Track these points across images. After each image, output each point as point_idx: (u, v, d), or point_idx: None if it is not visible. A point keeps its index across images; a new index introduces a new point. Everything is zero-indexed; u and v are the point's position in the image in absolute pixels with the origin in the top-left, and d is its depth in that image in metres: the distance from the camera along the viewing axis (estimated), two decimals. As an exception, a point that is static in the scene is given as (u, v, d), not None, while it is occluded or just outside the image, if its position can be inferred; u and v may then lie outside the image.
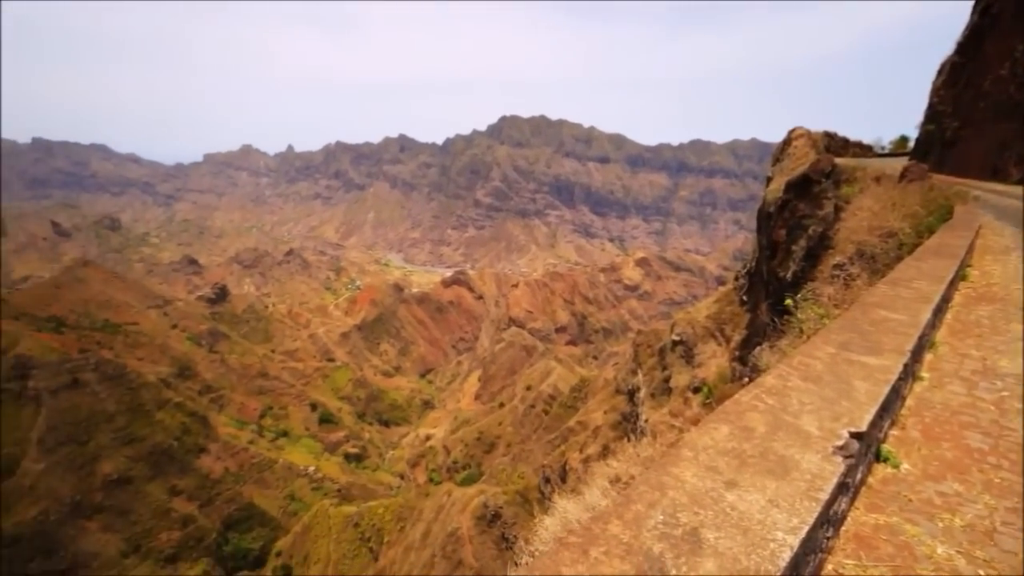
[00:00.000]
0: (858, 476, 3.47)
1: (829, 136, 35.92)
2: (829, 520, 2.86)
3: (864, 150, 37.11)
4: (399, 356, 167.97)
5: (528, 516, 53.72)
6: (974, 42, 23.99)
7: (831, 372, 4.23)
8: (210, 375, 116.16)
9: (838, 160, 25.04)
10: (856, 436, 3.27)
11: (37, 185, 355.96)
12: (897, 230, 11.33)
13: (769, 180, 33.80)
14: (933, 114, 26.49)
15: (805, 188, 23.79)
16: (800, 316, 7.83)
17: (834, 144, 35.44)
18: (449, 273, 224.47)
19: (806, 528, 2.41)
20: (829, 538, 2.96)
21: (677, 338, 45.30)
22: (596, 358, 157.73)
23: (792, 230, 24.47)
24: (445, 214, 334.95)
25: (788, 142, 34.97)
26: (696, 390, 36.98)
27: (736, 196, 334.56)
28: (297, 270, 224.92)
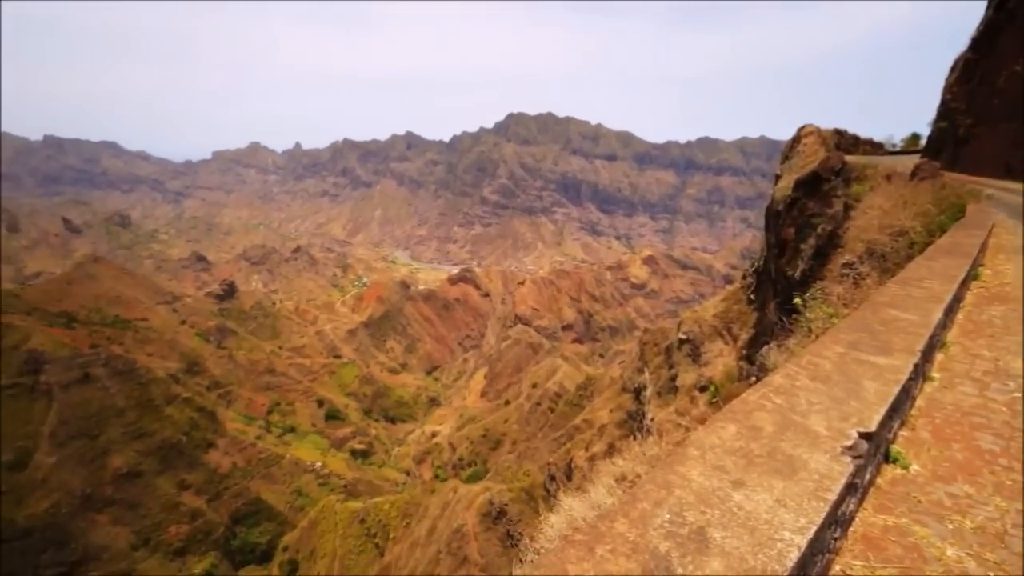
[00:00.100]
0: (867, 477, 3.44)
1: (839, 133, 35.52)
2: (837, 521, 2.84)
3: (875, 148, 36.68)
4: (405, 353, 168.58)
5: (533, 514, 53.86)
6: (989, 38, 23.62)
7: (840, 372, 4.20)
8: (218, 371, 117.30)
9: (848, 158, 24.76)
10: (865, 436, 3.25)
11: (49, 182, 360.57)
12: (908, 229, 11.22)
13: (778, 178, 33.51)
14: (946, 111, 26.13)
15: (814, 186, 23.56)
16: (808, 315, 7.77)
17: (844, 142, 35.05)
18: (455, 270, 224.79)
19: (814, 528, 2.39)
20: (837, 539, 2.94)
21: (684, 337, 45.11)
22: (602, 356, 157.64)
23: (801, 228, 24.26)
24: (452, 211, 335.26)
25: (797, 139, 34.62)
26: (703, 389, 36.85)
27: (744, 194, 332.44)
28: (304, 267, 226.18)
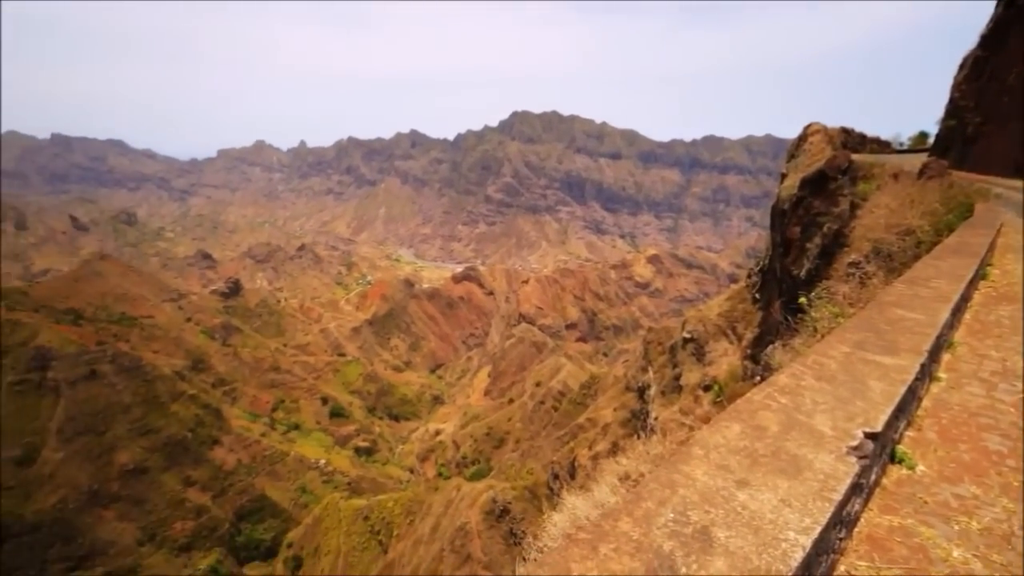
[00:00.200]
0: (872, 477, 3.43)
1: (846, 132, 35.28)
2: (842, 521, 2.83)
3: (882, 146, 36.37)
4: (409, 351, 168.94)
5: (537, 512, 53.94)
6: (999, 35, 23.37)
7: (846, 371, 4.18)
8: (223, 368, 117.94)
9: (855, 156, 24.63)
10: (871, 436, 3.23)
11: (56, 180, 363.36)
12: (915, 228, 11.15)
13: (784, 177, 33.36)
14: (954, 109, 25.86)
15: (821, 185, 23.46)
16: (814, 314, 7.73)
17: (851, 140, 34.82)
18: (459, 269, 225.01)
19: (819, 528, 2.38)
20: (842, 539, 2.92)
21: (688, 336, 44.99)
22: (606, 355, 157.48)
23: (807, 227, 24.16)
24: (456, 210, 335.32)
25: (804, 138, 34.46)
26: (707, 388, 36.76)
27: (750, 193, 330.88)
28: (309, 265, 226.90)
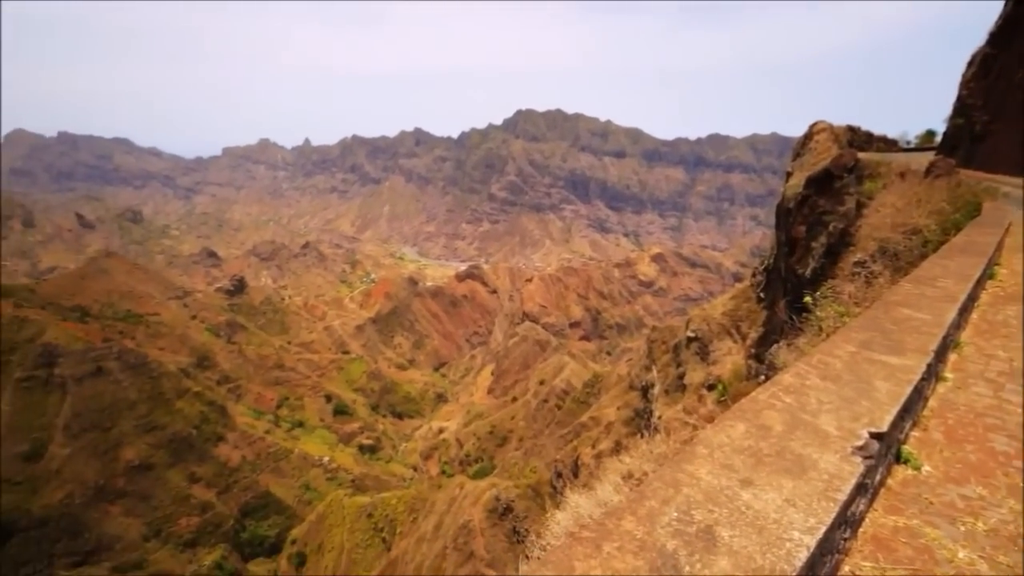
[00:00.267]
0: (877, 477, 3.41)
1: (852, 130, 35.04)
2: (847, 521, 2.82)
3: (889, 145, 36.12)
4: (413, 349, 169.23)
5: (540, 510, 53.97)
6: (1007, 33, 23.17)
7: (851, 371, 4.16)
8: (228, 365, 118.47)
9: (861, 155, 24.47)
10: (876, 436, 3.21)
11: (63, 178, 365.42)
12: (922, 227, 11.07)
13: (789, 175, 33.18)
14: (962, 107, 25.65)
15: (826, 183, 23.32)
16: (819, 314, 7.69)
17: (857, 139, 34.59)
18: (463, 267, 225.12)
19: (823, 528, 2.37)
20: (846, 539, 2.91)
21: (692, 335, 44.88)
22: (610, 354, 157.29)
23: (812, 226, 24.02)
24: (460, 208, 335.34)
25: (809, 136, 34.22)
26: (711, 387, 36.66)
27: (754, 191, 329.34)
28: (313, 263, 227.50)
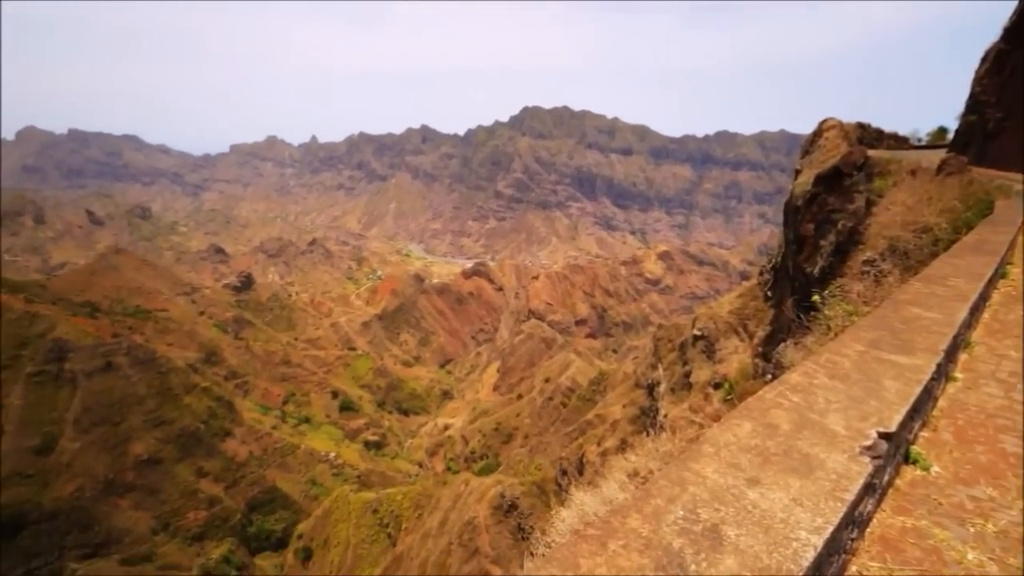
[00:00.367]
0: (885, 477, 3.38)
1: (862, 127, 34.67)
2: (854, 521, 2.80)
3: (899, 142, 35.70)
4: (419, 346, 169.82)
5: (545, 507, 54.07)
6: (1022, 28, 22.81)
7: (860, 370, 4.12)
8: (235, 361, 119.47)
9: (871, 152, 24.20)
10: (885, 436, 3.19)
11: (73, 175, 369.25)
12: (932, 225, 10.94)
13: (797, 173, 32.90)
14: (975, 104, 25.29)
15: (835, 181, 23.09)
16: (828, 313, 7.63)
17: (867, 136, 34.22)
18: (469, 264, 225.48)
19: (830, 528, 2.36)
20: (854, 539, 2.89)
21: (698, 333, 44.68)
22: (616, 352, 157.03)
23: (821, 224, 23.82)
24: (466, 205, 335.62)
25: (819, 133, 33.91)
26: (717, 386, 36.51)
27: (762, 189, 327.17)
28: (320, 260, 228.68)
